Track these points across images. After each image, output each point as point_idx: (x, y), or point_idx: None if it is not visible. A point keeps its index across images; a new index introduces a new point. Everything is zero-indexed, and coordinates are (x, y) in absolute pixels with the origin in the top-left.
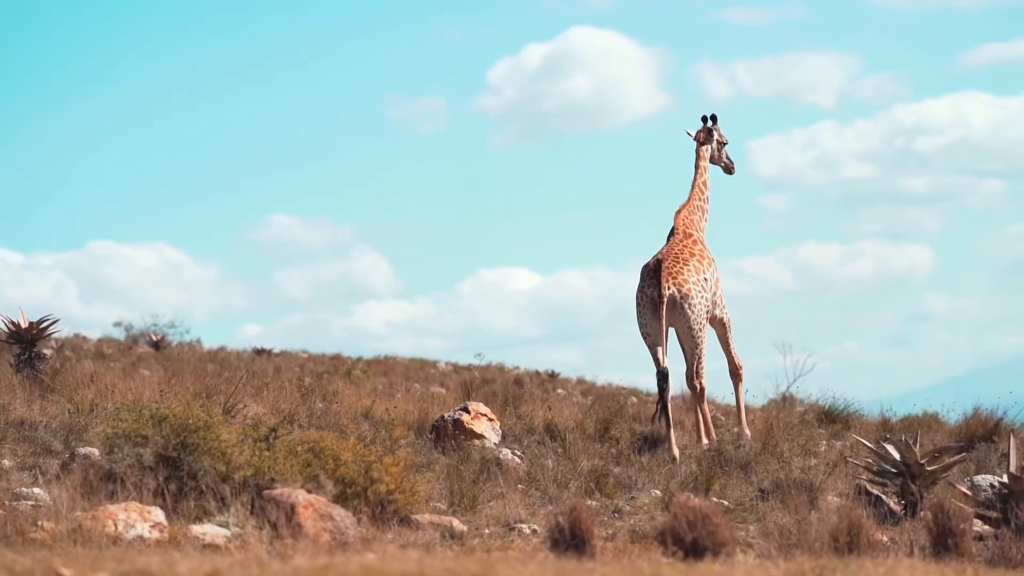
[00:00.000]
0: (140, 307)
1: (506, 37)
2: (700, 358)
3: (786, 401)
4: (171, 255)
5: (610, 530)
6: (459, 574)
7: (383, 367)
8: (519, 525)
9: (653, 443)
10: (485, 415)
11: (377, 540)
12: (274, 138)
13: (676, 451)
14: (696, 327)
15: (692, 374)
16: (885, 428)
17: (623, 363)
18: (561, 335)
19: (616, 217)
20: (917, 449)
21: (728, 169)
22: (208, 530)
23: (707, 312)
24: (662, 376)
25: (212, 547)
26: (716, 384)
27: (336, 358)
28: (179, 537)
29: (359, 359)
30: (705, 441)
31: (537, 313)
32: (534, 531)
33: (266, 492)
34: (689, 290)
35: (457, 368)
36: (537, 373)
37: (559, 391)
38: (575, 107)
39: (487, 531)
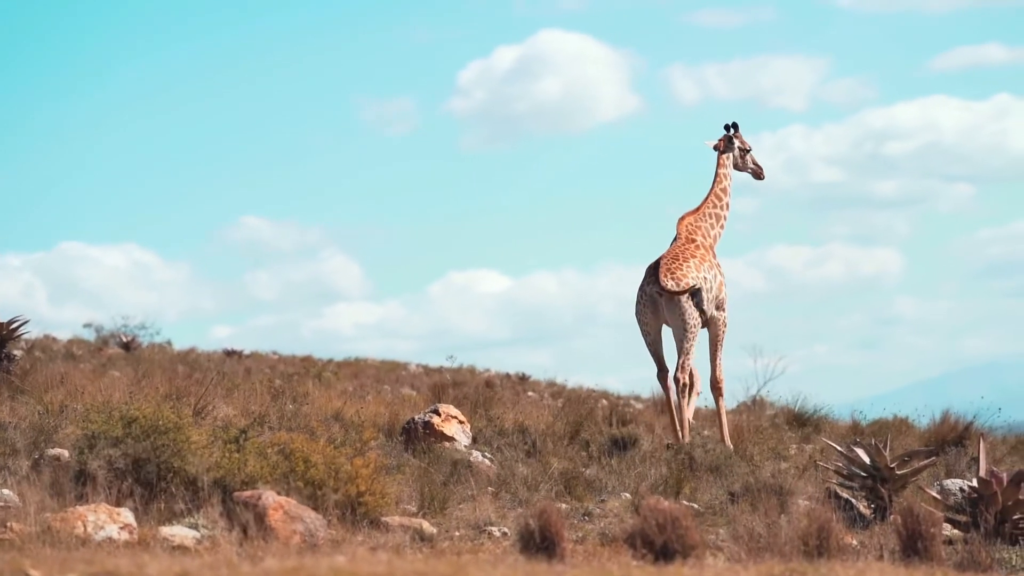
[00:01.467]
0: (110, 308)
1: (476, 39)
2: (688, 353)
3: (756, 404)
4: (141, 256)
5: (580, 533)
6: None
7: (353, 369)
8: (489, 528)
9: (623, 446)
10: (455, 417)
11: (347, 542)
12: (244, 140)
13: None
14: (690, 322)
15: (677, 367)
16: (855, 432)
17: (593, 365)
18: (531, 337)
19: (586, 220)
20: (887, 453)
21: (756, 175)
22: (178, 532)
23: (703, 312)
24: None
25: (182, 549)
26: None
27: (306, 360)
28: (148, 539)
29: (329, 361)
30: (679, 440)
31: (507, 315)
32: (504, 534)
33: (236, 494)
34: (686, 286)
35: (428, 370)
36: (508, 375)
37: (530, 393)
38: (545, 109)
39: (457, 533)
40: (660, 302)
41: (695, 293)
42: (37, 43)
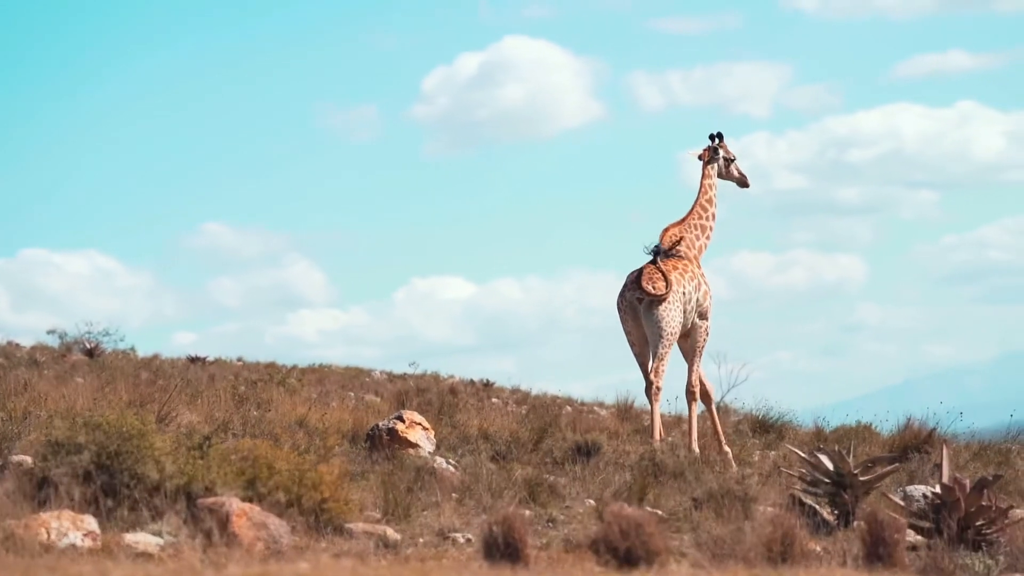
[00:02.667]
0: (73, 315)
1: (440, 46)
2: (663, 359)
3: (720, 411)
4: (103, 263)
5: (544, 539)
6: None
7: (318, 375)
8: (453, 534)
9: (587, 452)
10: (420, 424)
11: (311, 549)
12: (207, 147)
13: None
14: (667, 329)
15: (652, 372)
16: (819, 438)
17: (557, 372)
18: (495, 344)
19: (550, 227)
20: (851, 459)
21: (742, 183)
22: (141, 538)
23: (680, 319)
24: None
25: (145, 555)
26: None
27: (271, 366)
28: (112, 546)
29: (294, 367)
30: (657, 442)
31: (471, 322)
32: (468, 540)
33: (200, 500)
34: (665, 296)
35: (392, 377)
36: (472, 382)
37: (494, 400)
38: (509, 116)
39: (421, 540)
40: (639, 309)
41: (673, 302)
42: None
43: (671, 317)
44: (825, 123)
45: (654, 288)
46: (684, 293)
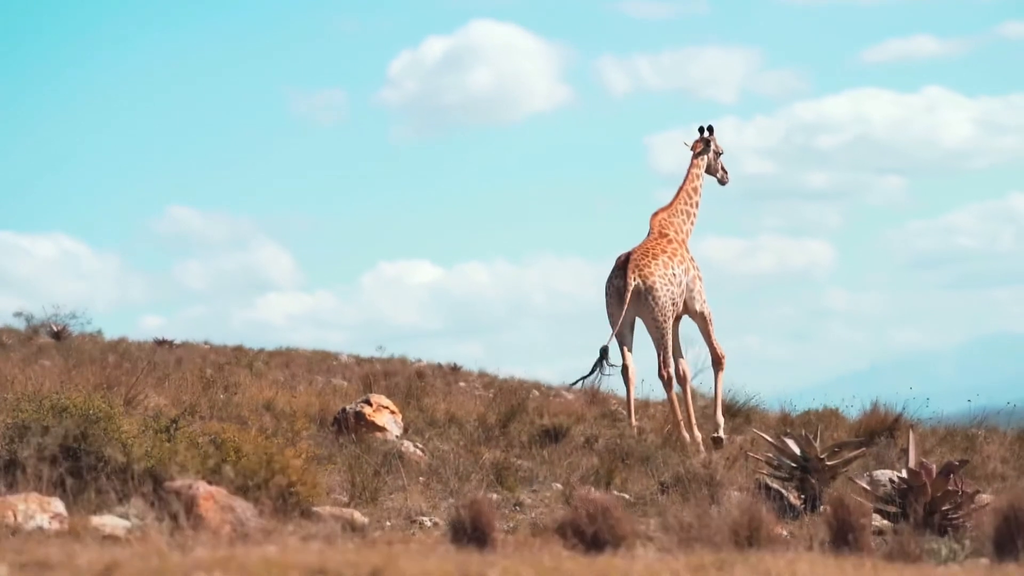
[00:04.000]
0: (40, 297)
1: (406, 30)
2: (666, 349)
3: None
4: (70, 246)
5: (511, 523)
6: (360, 567)
7: (285, 359)
8: (420, 518)
9: (555, 436)
10: (387, 408)
11: (278, 532)
12: (173, 131)
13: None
14: (660, 318)
15: (660, 365)
16: (785, 423)
17: (524, 356)
18: (462, 328)
19: (517, 211)
20: (817, 444)
21: (722, 180)
22: (108, 521)
23: (673, 305)
24: (603, 353)
25: (112, 538)
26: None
27: (238, 350)
28: (79, 528)
29: (261, 351)
30: (685, 434)
31: (438, 306)
32: (435, 524)
33: (167, 483)
34: (654, 283)
35: (359, 360)
36: (439, 366)
37: (461, 384)
38: (476, 101)
39: (388, 524)
40: (626, 296)
41: (662, 290)
42: None
43: (661, 305)
44: (793, 109)
45: (641, 280)
46: (675, 276)
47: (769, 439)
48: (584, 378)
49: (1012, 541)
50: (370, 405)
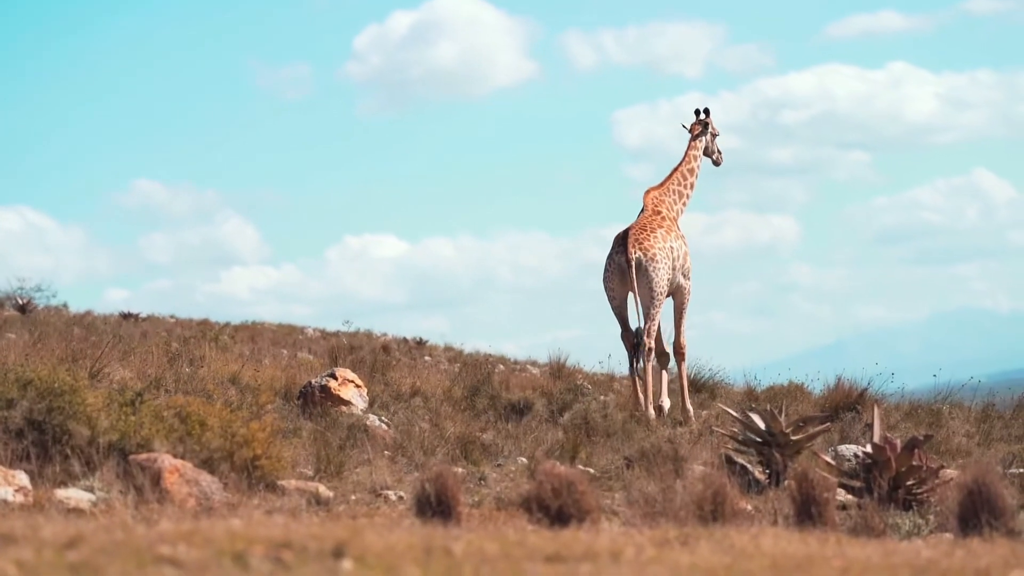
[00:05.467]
0: (5, 270)
1: (372, 4)
2: (653, 319)
3: (653, 370)
4: (35, 219)
5: (476, 497)
6: (325, 540)
7: (250, 332)
8: (385, 492)
9: (520, 411)
10: (352, 381)
11: (243, 505)
12: (138, 104)
13: (651, 412)
14: (657, 289)
15: (644, 333)
16: (750, 398)
17: (489, 331)
18: (428, 302)
19: (482, 185)
20: (782, 419)
21: (716, 162)
22: (73, 494)
23: (669, 278)
24: (634, 336)
25: (77, 511)
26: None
27: (204, 323)
28: (44, 501)
29: (227, 324)
30: (649, 408)
31: (404, 280)
32: (400, 497)
33: (132, 456)
34: (655, 255)
35: (325, 334)
36: (405, 340)
37: (427, 358)
38: (441, 75)
39: (353, 497)
40: (630, 271)
41: (662, 263)
42: None
43: (660, 277)
44: (757, 84)
45: (643, 253)
46: (672, 249)
47: (734, 414)
48: (633, 364)
49: (976, 516)
50: (336, 379)
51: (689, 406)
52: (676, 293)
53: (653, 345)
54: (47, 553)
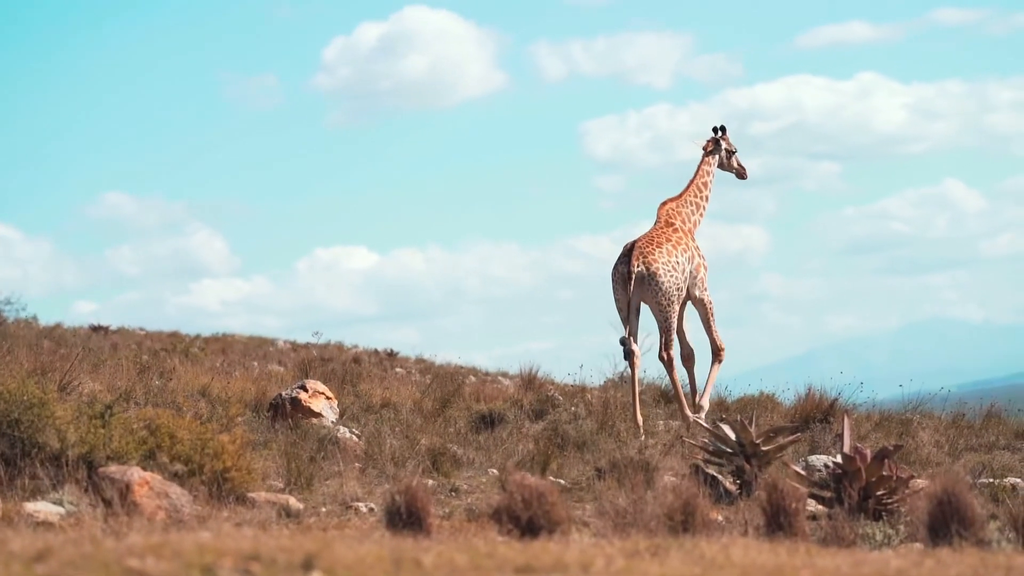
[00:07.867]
0: None
1: (340, 15)
2: (669, 333)
3: (623, 380)
4: (1, 231)
5: (447, 509)
6: (294, 552)
7: (221, 345)
8: (356, 503)
9: (491, 422)
10: (323, 393)
11: (213, 518)
12: (106, 116)
13: (640, 424)
14: (664, 302)
15: (661, 347)
16: (721, 408)
17: (460, 342)
18: (398, 314)
19: (451, 196)
20: (752, 429)
21: (740, 175)
22: (42, 508)
23: (677, 292)
24: (626, 351)
25: (46, 525)
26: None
27: (174, 335)
28: (12, 515)
29: (197, 337)
30: (688, 413)
31: (374, 292)
32: (371, 509)
33: (101, 469)
34: (657, 269)
35: (295, 346)
36: (376, 352)
37: (398, 370)
38: (410, 86)
39: (324, 509)
40: (630, 282)
41: (665, 277)
42: None
43: (664, 291)
44: (726, 95)
45: (644, 267)
46: (678, 263)
47: (705, 424)
48: (628, 375)
49: (946, 526)
50: (306, 391)
51: (704, 402)
52: (698, 307)
53: (674, 357)
54: (15, 567)
